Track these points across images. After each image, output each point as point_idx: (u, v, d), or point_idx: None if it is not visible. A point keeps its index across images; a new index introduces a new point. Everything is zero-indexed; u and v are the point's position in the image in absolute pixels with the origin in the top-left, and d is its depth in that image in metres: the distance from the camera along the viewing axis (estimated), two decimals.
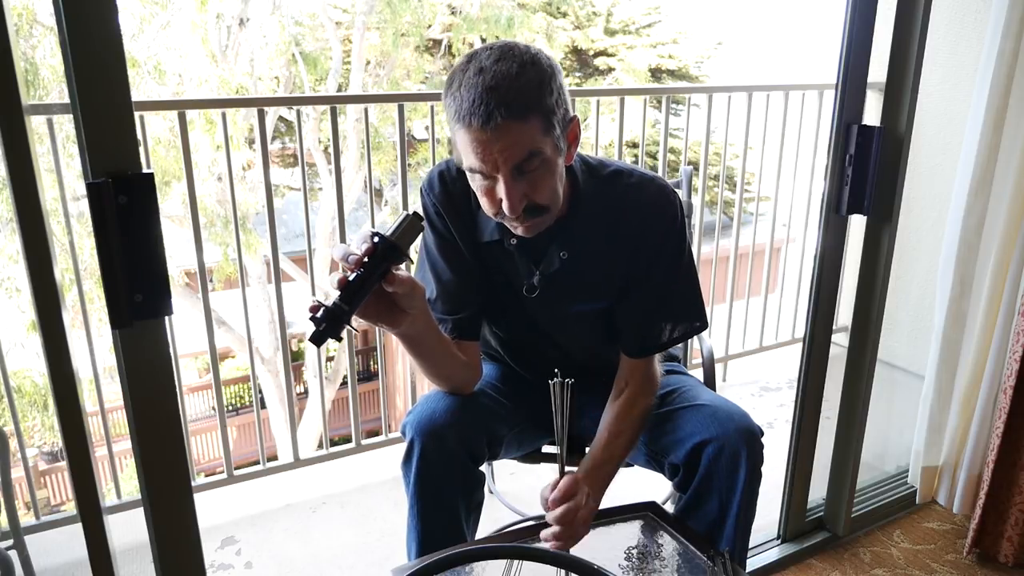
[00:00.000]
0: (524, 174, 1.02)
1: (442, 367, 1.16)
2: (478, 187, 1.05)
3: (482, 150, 0.98)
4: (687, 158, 2.64)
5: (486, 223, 1.17)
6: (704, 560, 1.10)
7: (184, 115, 1.81)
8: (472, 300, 1.20)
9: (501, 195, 1.02)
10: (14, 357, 5.53)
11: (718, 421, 1.14)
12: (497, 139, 0.97)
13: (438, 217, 1.19)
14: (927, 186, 2.19)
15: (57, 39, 0.84)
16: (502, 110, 0.96)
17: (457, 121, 0.99)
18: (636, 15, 10.72)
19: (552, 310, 1.23)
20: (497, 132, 0.97)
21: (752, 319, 2.87)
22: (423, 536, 1.15)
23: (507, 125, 0.97)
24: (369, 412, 9.30)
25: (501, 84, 0.97)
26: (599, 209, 1.16)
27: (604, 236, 1.17)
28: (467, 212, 1.19)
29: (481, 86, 0.97)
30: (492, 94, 0.96)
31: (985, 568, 1.71)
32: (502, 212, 1.05)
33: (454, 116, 1.00)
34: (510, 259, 1.19)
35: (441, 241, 1.19)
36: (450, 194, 1.18)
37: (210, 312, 1.92)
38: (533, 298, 1.20)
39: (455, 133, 1.02)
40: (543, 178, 1.04)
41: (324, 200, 7.84)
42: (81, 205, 4.08)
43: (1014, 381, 1.60)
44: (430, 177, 1.21)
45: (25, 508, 3.97)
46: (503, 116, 0.96)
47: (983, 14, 1.99)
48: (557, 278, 1.19)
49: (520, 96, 0.97)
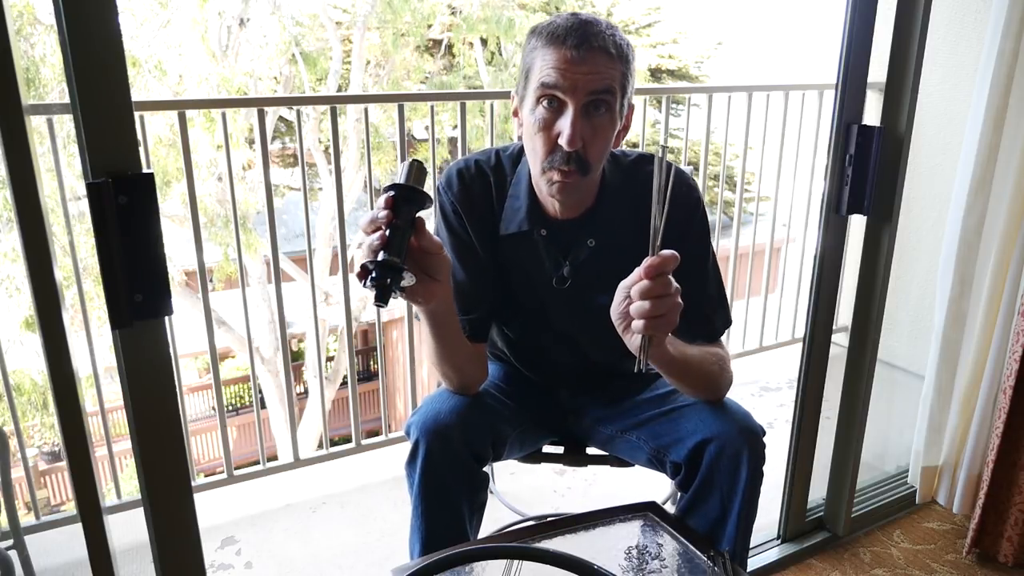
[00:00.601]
0: (590, 116, 1.05)
1: (457, 355, 1.15)
2: (537, 120, 1.06)
3: (568, 68, 1.03)
4: (687, 158, 2.64)
5: (514, 214, 1.18)
6: (704, 560, 1.10)
7: (184, 115, 1.81)
8: (484, 301, 1.21)
9: (563, 127, 1.04)
10: (12, 355, 5.53)
11: (720, 420, 1.14)
12: (584, 62, 1.02)
13: (455, 216, 1.19)
14: (927, 186, 2.19)
15: (57, 39, 0.84)
16: (598, 39, 1.03)
17: (548, 43, 1.04)
18: (636, 15, 10.72)
19: (578, 302, 1.22)
20: (588, 55, 1.02)
21: (752, 319, 2.88)
22: (427, 536, 1.15)
23: (599, 53, 1.03)
24: (369, 412, 9.30)
25: (600, 23, 1.05)
26: (624, 198, 1.18)
27: (630, 224, 1.18)
28: (488, 207, 1.19)
29: (580, 19, 1.04)
30: (591, 26, 1.04)
31: (985, 568, 1.71)
32: (555, 153, 1.06)
33: (544, 39, 1.04)
34: (535, 251, 1.20)
35: (456, 240, 1.19)
36: (470, 191, 1.19)
37: (210, 312, 1.92)
38: (561, 290, 1.21)
39: (535, 59, 1.06)
40: (601, 129, 1.07)
41: (324, 200, 7.85)
42: (81, 205, 4.08)
43: (1014, 381, 1.60)
44: (448, 175, 1.21)
45: (25, 508, 3.97)
46: (598, 44, 1.03)
47: (983, 14, 1.99)
48: (586, 268, 1.20)
49: (615, 40, 1.05)
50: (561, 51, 1.02)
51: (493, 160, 1.22)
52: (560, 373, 1.35)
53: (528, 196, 1.18)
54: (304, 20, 7.41)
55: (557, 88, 1.03)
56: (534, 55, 1.06)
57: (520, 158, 1.21)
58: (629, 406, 1.30)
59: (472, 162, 1.22)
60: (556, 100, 1.05)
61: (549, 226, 1.18)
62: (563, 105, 1.05)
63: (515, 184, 1.20)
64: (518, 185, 1.19)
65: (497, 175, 1.21)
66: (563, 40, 1.02)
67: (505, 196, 1.20)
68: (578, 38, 1.02)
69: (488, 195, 1.19)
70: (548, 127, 1.06)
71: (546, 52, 1.04)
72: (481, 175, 1.20)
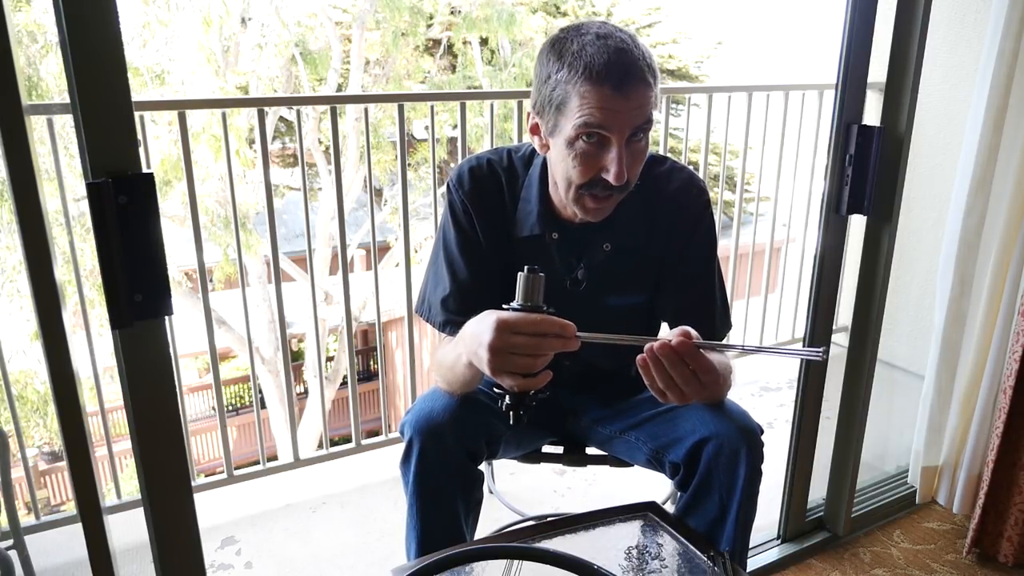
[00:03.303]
0: (631, 143, 1.03)
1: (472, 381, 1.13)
2: (577, 152, 1.03)
3: (611, 107, 0.99)
4: (687, 158, 2.64)
5: (526, 217, 1.18)
6: (704, 560, 1.10)
7: (184, 115, 1.81)
8: (486, 302, 1.20)
9: (608, 162, 1.02)
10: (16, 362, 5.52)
11: (718, 419, 1.14)
12: (627, 99, 0.99)
13: (464, 215, 1.19)
14: (927, 186, 2.19)
15: (57, 39, 0.84)
16: (636, 71, 0.99)
17: (586, 79, 0.99)
18: (636, 15, 10.71)
19: (590, 304, 1.22)
20: (630, 92, 0.99)
21: (752, 319, 2.87)
22: (422, 535, 1.15)
23: (639, 85, 1.00)
24: (369, 412, 9.30)
25: (630, 47, 1.00)
26: (637, 200, 1.18)
27: (641, 226, 1.18)
28: (500, 208, 1.19)
29: (613, 48, 0.99)
30: (626, 56, 0.99)
31: (985, 568, 1.71)
32: (596, 183, 1.05)
33: (581, 74, 0.99)
34: (547, 254, 1.20)
35: (463, 239, 1.19)
36: (481, 189, 1.19)
37: (210, 312, 1.92)
38: (573, 293, 1.21)
39: (569, 94, 1.01)
40: (640, 152, 1.06)
41: (324, 200, 7.85)
42: (82, 205, 4.08)
43: (1014, 381, 1.60)
44: (459, 172, 1.20)
45: (25, 508, 3.98)
46: (638, 77, 0.99)
47: (983, 14, 1.99)
48: (599, 271, 1.20)
49: (647, 63, 1.01)
50: (602, 90, 0.98)
51: (505, 160, 1.22)
52: (561, 374, 1.35)
53: (540, 199, 1.18)
54: (304, 20, 7.41)
55: (602, 128, 1.01)
56: (568, 89, 1.01)
57: (531, 160, 1.21)
58: (628, 406, 1.30)
59: (484, 161, 1.21)
60: (598, 136, 1.02)
61: (562, 229, 1.18)
62: (605, 140, 1.02)
63: (527, 187, 1.20)
64: (529, 188, 1.19)
65: (509, 175, 1.21)
66: (603, 78, 0.98)
67: (516, 197, 1.20)
68: (619, 76, 0.98)
69: (499, 194, 1.19)
70: (590, 159, 1.04)
71: (584, 89, 0.99)
72: (493, 174, 1.20)
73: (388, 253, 7.86)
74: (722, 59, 10.94)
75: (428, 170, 7.46)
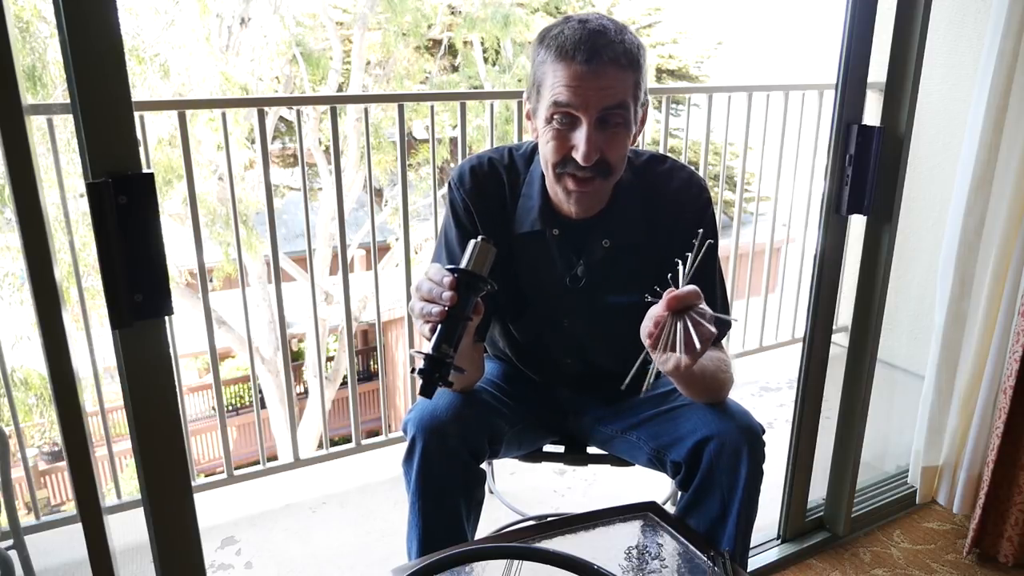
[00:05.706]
0: (605, 128, 1.04)
1: (471, 377, 1.17)
2: (551, 130, 1.06)
3: (579, 85, 1.01)
4: (687, 158, 2.64)
5: (526, 214, 1.18)
6: (704, 560, 1.10)
7: (184, 115, 1.81)
8: (485, 299, 1.21)
9: (577, 141, 1.04)
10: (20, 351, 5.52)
11: (719, 419, 1.14)
12: (596, 77, 1.01)
13: (465, 213, 1.20)
14: (927, 186, 2.19)
15: (57, 39, 0.84)
16: (608, 52, 1.01)
17: (558, 57, 1.02)
18: (636, 15, 10.71)
19: (590, 302, 1.23)
20: (599, 70, 1.01)
21: (752, 319, 2.87)
22: (424, 534, 1.15)
23: (610, 67, 1.01)
24: (369, 412, 9.29)
25: (609, 31, 1.02)
26: (637, 199, 1.18)
27: (642, 224, 1.18)
28: (500, 205, 1.20)
29: (589, 29, 1.02)
30: (600, 37, 1.01)
31: (985, 568, 1.71)
32: (568, 162, 1.06)
33: (554, 53, 1.02)
34: (547, 251, 1.20)
35: (464, 237, 1.19)
36: (483, 188, 1.19)
37: (210, 312, 1.92)
38: (573, 290, 1.21)
39: (546, 73, 1.04)
40: (618, 137, 1.06)
41: (324, 200, 7.85)
42: (82, 205, 4.08)
43: (1014, 381, 1.60)
44: (460, 171, 1.21)
45: (25, 508, 3.97)
46: (609, 57, 1.01)
47: (983, 14, 1.99)
48: (599, 268, 1.20)
49: (625, 49, 1.02)
50: (571, 67, 1.01)
51: (506, 159, 1.23)
52: (562, 373, 1.36)
53: (541, 196, 1.18)
54: (304, 20, 7.41)
55: (570, 106, 1.03)
56: (544, 68, 1.05)
57: (533, 157, 1.21)
58: (629, 406, 1.30)
59: (485, 159, 1.22)
60: (569, 116, 1.05)
61: (562, 226, 1.19)
62: (576, 120, 1.04)
63: (528, 184, 1.20)
64: (531, 185, 1.20)
65: (510, 174, 1.21)
66: (572, 55, 1.01)
67: (518, 195, 1.21)
68: (587, 52, 1.00)
69: (500, 193, 1.20)
70: (561, 138, 1.06)
71: (556, 67, 1.03)
72: (494, 173, 1.21)
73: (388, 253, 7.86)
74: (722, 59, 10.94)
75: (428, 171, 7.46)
